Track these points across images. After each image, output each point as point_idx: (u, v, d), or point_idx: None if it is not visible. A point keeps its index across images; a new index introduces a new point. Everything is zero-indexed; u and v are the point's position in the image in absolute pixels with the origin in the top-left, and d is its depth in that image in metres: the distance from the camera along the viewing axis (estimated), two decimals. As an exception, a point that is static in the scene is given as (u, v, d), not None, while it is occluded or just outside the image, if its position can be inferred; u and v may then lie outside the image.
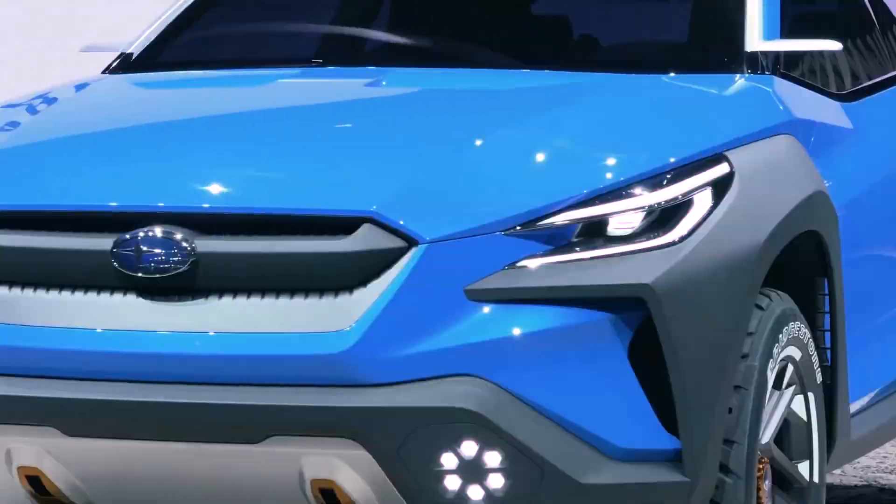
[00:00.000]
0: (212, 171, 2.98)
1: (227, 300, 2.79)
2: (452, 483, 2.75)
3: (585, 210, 2.84)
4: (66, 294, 2.86)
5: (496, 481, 2.75)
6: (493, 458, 2.75)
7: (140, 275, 2.79)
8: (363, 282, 2.75)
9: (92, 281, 2.84)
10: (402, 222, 2.75)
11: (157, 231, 2.79)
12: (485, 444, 2.73)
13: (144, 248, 2.78)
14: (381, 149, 3.06)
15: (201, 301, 2.80)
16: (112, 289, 2.84)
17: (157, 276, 2.78)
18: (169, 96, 3.81)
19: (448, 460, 2.74)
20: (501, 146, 3.00)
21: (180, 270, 2.77)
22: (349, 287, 2.75)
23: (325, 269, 2.75)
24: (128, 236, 2.80)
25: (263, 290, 2.78)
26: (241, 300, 2.79)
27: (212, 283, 2.79)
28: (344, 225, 2.77)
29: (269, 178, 2.95)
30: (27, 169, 3.11)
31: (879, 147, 3.94)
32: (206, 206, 2.86)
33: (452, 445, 2.74)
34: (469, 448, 2.74)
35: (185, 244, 2.77)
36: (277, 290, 2.78)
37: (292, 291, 2.78)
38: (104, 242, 2.82)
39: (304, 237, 2.79)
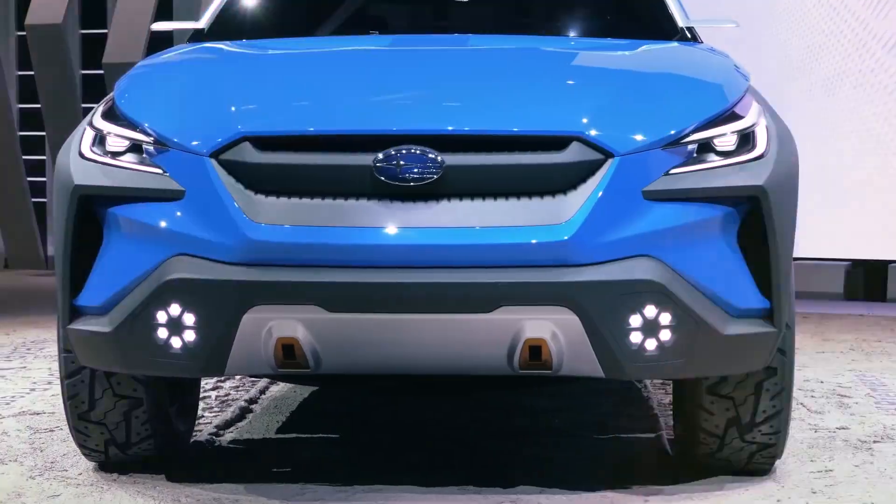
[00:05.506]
0: (449, 100, 3.78)
1: (466, 202, 3.59)
2: (636, 337, 3.62)
3: (705, 132, 3.79)
4: (336, 200, 3.59)
5: (666, 335, 3.65)
6: (665, 318, 3.64)
7: (398, 183, 3.55)
8: (573, 186, 3.59)
9: (356, 189, 3.58)
10: (603, 140, 3.62)
11: (415, 149, 3.54)
12: (661, 307, 3.62)
13: (403, 163, 3.54)
14: (571, 83, 3.95)
15: (445, 203, 3.58)
16: (374, 195, 3.58)
17: (413, 184, 3.54)
18: (334, 48, 4.55)
19: (634, 320, 3.61)
20: (648, 85, 3.99)
21: (432, 179, 3.54)
22: (563, 191, 3.59)
23: (544, 177, 3.59)
24: (392, 152, 3.54)
25: (496, 194, 3.59)
26: (479, 202, 3.58)
27: (455, 189, 3.58)
28: (558, 142, 3.62)
29: (501, 105, 3.76)
30: (291, 101, 3.77)
31: None
32: (450, 128, 3.65)
33: (638, 308, 3.61)
34: (650, 310, 3.62)
35: (438, 159, 3.54)
36: (507, 194, 3.58)
37: (518, 195, 3.58)
38: (366, 158, 3.56)
39: (529, 153, 3.61)
